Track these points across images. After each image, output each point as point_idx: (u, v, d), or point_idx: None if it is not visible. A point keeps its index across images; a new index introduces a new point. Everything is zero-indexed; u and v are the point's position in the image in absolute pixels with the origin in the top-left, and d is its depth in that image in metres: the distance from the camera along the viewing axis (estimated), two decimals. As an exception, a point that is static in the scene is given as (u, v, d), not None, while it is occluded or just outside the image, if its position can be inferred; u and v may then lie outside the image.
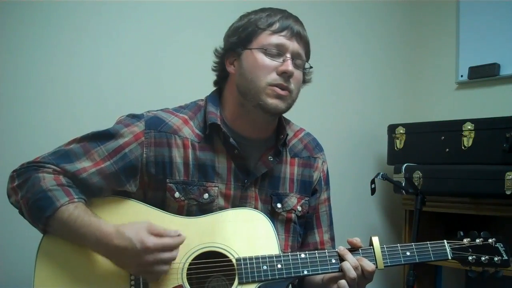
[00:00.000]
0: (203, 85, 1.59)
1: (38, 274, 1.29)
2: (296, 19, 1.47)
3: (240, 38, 1.45)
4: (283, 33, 1.42)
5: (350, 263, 1.36)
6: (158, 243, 1.25)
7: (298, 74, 1.45)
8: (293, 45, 1.43)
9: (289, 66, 1.41)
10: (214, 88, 1.57)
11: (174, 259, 1.29)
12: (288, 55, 1.42)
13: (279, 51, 1.42)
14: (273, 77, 1.41)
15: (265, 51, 1.41)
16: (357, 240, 1.42)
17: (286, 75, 1.41)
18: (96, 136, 1.40)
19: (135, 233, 1.25)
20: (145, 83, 2.05)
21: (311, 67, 1.51)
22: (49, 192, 1.29)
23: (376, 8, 2.80)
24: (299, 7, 1.77)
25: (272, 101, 1.41)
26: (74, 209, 1.28)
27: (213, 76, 1.57)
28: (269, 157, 1.50)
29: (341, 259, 1.38)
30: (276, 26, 1.43)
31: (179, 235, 1.29)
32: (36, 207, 1.29)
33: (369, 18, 2.79)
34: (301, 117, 1.60)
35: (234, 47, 1.46)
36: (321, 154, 1.63)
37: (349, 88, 2.69)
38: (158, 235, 1.27)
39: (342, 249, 1.40)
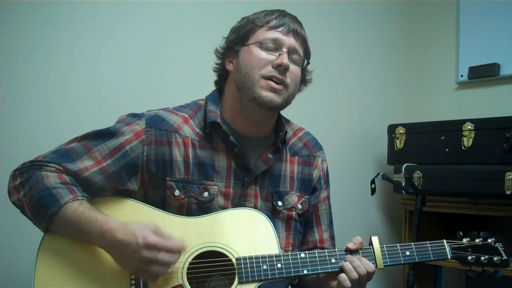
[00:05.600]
0: (203, 84, 1.60)
1: (38, 272, 1.28)
2: (294, 18, 1.48)
3: (238, 36, 1.47)
4: (279, 29, 1.44)
5: (351, 263, 1.36)
6: (159, 242, 1.25)
7: (295, 69, 1.45)
8: (290, 40, 1.44)
9: (284, 59, 1.41)
10: (214, 88, 1.57)
11: (173, 262, 1.28)
12: (285, 49, 1.43)
13: (275, 46, 1.43)
14: (268, 69, 1.41)
15: (261, 44, 1.42)
16: (357, 243, 1.41)
17: (281, 68, 1.41)
18: (97, 134, 1.40)
19: (139, 229, 1.26)
20: (145, 83, 2.05)
21: (308, 63, 1.51)
22: (53, 189, 1.28)
23: (376, 8, 2.80)
24: (299, 7, 1.77)
25: (267, 94, 1.41)
26: (78, 206, 1.28)
27: (213, 76, 1.58)
28: (269, 154, 1.50)
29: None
30: (273, 22, 1.45)
31: (183, 242, 1.29)
32: (40, 205, 1.28)
33: (369, 18, 2.79)
34: (301, 117, 1.60)
35: (233, 45, 1.48)
36: (320, 152, 1.64)
37: (349, 88, 2.69)
38: (162, 236, 1.27)
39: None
